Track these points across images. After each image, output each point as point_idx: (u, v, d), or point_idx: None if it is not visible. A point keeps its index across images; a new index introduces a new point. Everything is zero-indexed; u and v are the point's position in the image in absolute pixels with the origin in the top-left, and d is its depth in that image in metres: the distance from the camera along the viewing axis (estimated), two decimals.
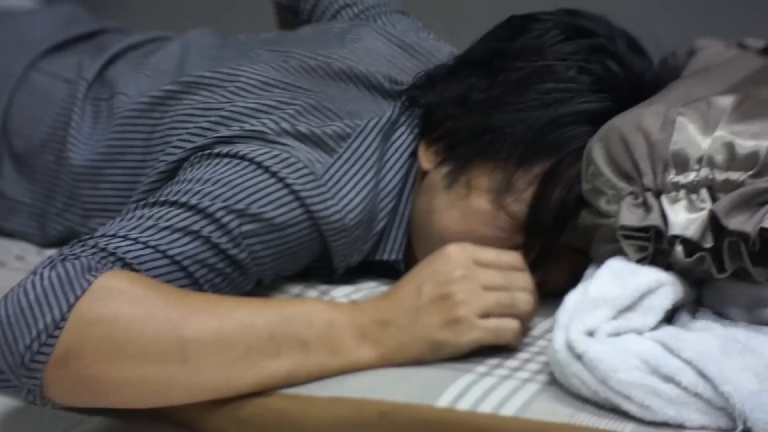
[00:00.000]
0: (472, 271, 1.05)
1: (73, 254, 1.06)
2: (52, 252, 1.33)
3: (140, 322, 1.01)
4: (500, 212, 1.15)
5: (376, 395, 1.01)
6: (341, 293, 1.20)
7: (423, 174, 1.22)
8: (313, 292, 1.20)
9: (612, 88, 1.15)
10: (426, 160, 1.22)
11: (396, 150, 1.23)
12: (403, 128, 1.24)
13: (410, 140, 1.24)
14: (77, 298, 1.01)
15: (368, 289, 1.21)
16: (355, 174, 1.19)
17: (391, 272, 1.26)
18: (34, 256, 1.35)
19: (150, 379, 1.01)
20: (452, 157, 1.19)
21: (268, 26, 1.51)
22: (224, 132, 1.20)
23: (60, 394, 1.02)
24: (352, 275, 1.24)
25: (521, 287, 1.06)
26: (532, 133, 1.15)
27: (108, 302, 1.01)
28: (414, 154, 1.23)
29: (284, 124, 1.19)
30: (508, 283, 1.05)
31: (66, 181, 1.33)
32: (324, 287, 1.21)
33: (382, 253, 1.23)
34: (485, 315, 1.03)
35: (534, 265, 1.13)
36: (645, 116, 1.05)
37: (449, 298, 1.03)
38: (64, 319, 1.00)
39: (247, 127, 1.20)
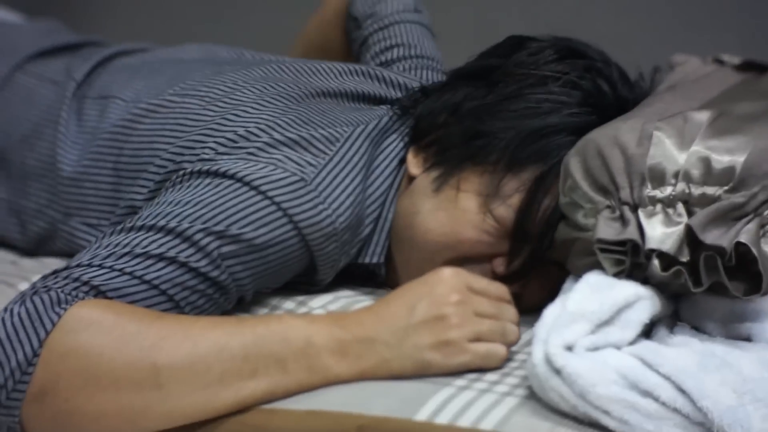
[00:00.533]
0: (467, 297, 1.04)
1: (45, 287, 1.03)
2: (29, 262, 1.33)
3: (112, 352, 0.99)
4: (487, 216, 1.15)
5: (355, 409, 0.99)
6: (319, 303, 1.18)
7: (410, 179, 1.22)
8: (290, 303, 1.18)
9: (601, 105, 1.16)
10: (414, 165, 1.22)
11: (386, 157, 1.22)
12: (393, 136, 1.24)
13: (400, 148, 1.23)
14: (48, 333, 0.99)
15: (346, 299, 1.20)
16: (344, 178, 1.17)
17: (368, 278, 1.25)
18: (7, 265, 1.32)
19: (126, 409, 0.99)
20: (442, 161, 1.18)
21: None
22: (212, 144, 1.19)
23: (40, 429, 1.00)
24: (329, 283, 1.22)
25: (510, 318, 1.06)
26: (521, 139, 1.15)
27: (79, 334, 0.99)
28: (402, 162, 1.23)
29: (276, 135, 1.18)
30: (499, 312, 1.05)
31: (50, 178, 1.31)
32: (301, 297, 1.20)
33: (365, 256, 1.22)
34: (475, 340, 1.03)
35: (517, 275, 1.13)
36: (622, 130, 1.05)
37: (444, 320, 1.02)
38: (36, 354, 0.98)
39: (234, 140, 1.18)
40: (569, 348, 0.95)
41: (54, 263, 1.31)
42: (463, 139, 1.18)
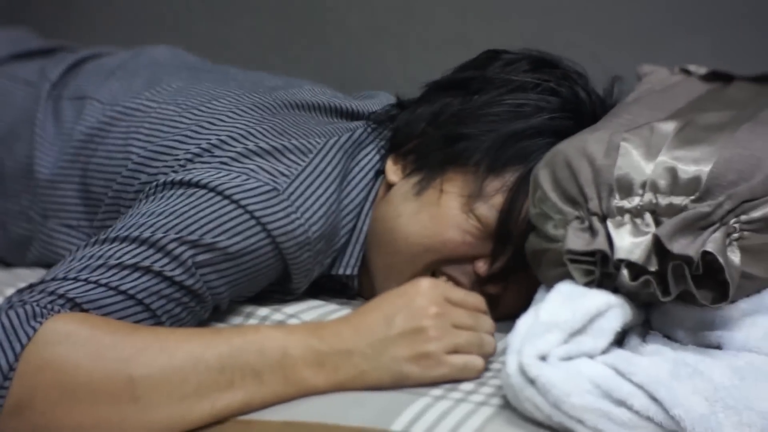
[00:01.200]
0: (445, 309, 1.03)
1: (21, 301, 1.02)
2: (1, 274, 1.31)
3: (88, 365, 0.98)
4: (470, 216, 1.14)
5: (331, 419, 0.98)
6: (293, 310, 1.17)
7: (387, 188, 1.21)
8: (264, 310, 1.17)
9: (578, 112, 1.18)
10: (393, 172, 1.21)
11: (361, 168, 1.22)
12: (369, 148, 1.23)
13: (375, 160, 1.23)
14: (23, 347, 0.97)
15: (318, 308, 1.19)
16: (318, 188, 1.17)
17: (340, 291, 1.25)
18: None
19: (103, 421, 0.98)
20: (423, 166, 1.18)
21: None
22: (185, 153, 1.18)
23: None
24: (302, 294, 1.21)
25: (487, 329, 1.05)
26: (502, 141, 1.15)
27: (54, 347, 0.98)
28: (378, 174, 1.23)
29: (249, 144, 1.17)
30: (477, 324, 1.05)
31: (28, 179, 1.29)
32: (276, 305, 1.19)
33: (339, 267, 1.21)
34: (453, 352, 1.02)
35: (497, 277, 1.13)
36: (589, 142, 1.05)
37: (422, 333, 1.02)
38: (12, 368, 0.97)
39: (208, 149, 1.17)
40: (543, 358, 0.94)
41: (27, 274, 1.30)
42: (445, 143, 1.18)
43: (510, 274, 1.15)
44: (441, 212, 1.16)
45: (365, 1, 1.75)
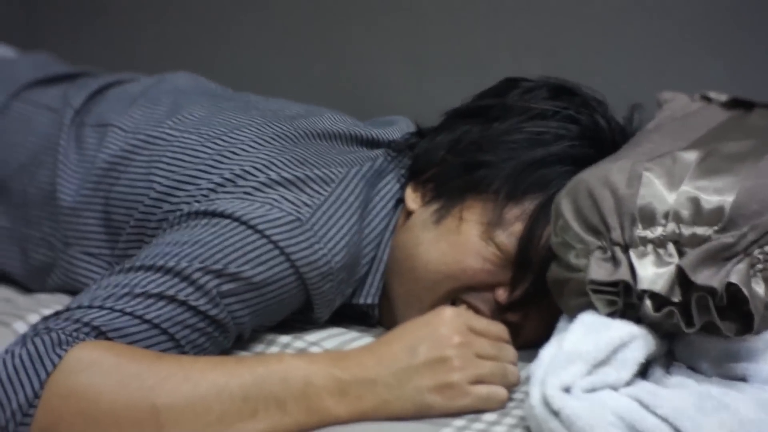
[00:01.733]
0: (469, 338, 1.02)
1: (46, 328, 1.01)
2: (24, 299, 1.30)
3: (112, 393, 0.97)
4: (489, 243, 1.13)
5: None
6: (313, 338, 1.16)
7: (407, 215, 1.20)
8: (285, 337, 1.16)
9: (598, 140, 1.16)
10: (413, 200, 1.20)
11: (382, 198, 1.21)
12: (389, 177, 1.22)
13: (396, 189, 1.22)
14: (49, 374, 0.97)
15: (339, 335, 1.18)
16: (340, 218, 1.16)
17: (359, 319, 1.24)
18: (1, 303, 1.29)
19: None
20: (443, 193, 1.17)
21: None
22: (208, 183, 1.17)
23: None
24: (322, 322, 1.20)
25: (510, 359, 1.04)
26: (522, 168, 1.14)
27: (79, 375, 0.97)
28: (398, 203, 1.21)
29: (272, 174, 1.16)
30: (500, 353, 1.04)
31: (51, 206, 1.28)
32: (297, 332, 1.17)
33: (359, 297, 1.20)
34: (477, 382, 1.01)
35: (518, 304, 1.12)
36: (612, 171, 1.04)
37: (446, 363, 1.00)
38: (37, 396, 0.96)
39: (231, 179, 1.17)
40: (567, 389, 0.93)
41: (48, 299, 1.29)
42: (465, 170, 1.17)
43: (530, 302, 1.13)
44: (460, 240, 1.15)
45: (382, 25, 1.75)
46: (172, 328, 1.06)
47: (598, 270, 1.00)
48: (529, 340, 1.11)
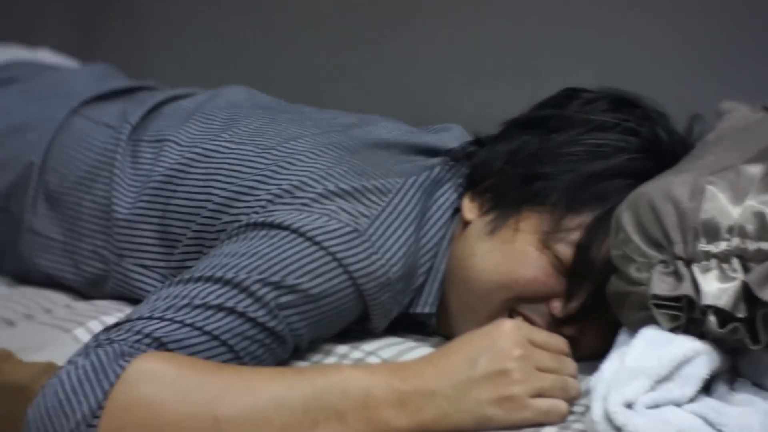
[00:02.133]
0: (529, 351, 1.01)
1: (108, 339, 1.01)
2: (83, 305, 1.31)
3: (174, 404, 0.97)
4: (544, 255, 1.12)
5: None
6: (371, 347, 1.15)
7: (464, 225, 1.19)
8: (342, 347, 1.16)
9: (658, 153, 1.14)
10: (470, 210, 1.19)
11: (439, 207, 1.20)
12: (446, 186, 1.21)
13: (453, 198, 1.21)
14: (112, 386, 0.97)
15: (396, 345, 1.17)
16: (397, 228, 1.15)
17: (416, 328, 1.23)
18: (61, 309, 1.30)
19: None
20: (499, 204, 1.16)
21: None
22: (265, 194, 1.17)
23: None
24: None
25: (571, 372, 1.03)
26: (581, 181, 1.12)
27: (141, 386, 0.97)
28: (455, 212, 1.20)
29: (329, 186, 1.15)
30: (561, 366, 1.02)
31: (105, 220, 1.28)
32: (354, 342, 1.17)
33: (416, 306, 1.19)
34: (538, 395, 1.00)
35: (574, 318, 1.10)
36: (674, 184, 1.02)
37: (506, 375, 0.99)
38: (100, 407, 0.96)
39: (288, 190, 1.16)
40: (629, 405, 0.92)
41: (107, 306, 1.29)
42: (522, 182, 1.15)
43: (586, 316, 1.12)
44: (514, 249, 1.13)
45: (435, 32, 1.74)
46: (232, 339, 1.05)
47: (661, 284, 0.98)
48: (586, 354, 1.09)
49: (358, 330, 1.18)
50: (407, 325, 1.22)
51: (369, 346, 1.16)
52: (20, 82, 1.47)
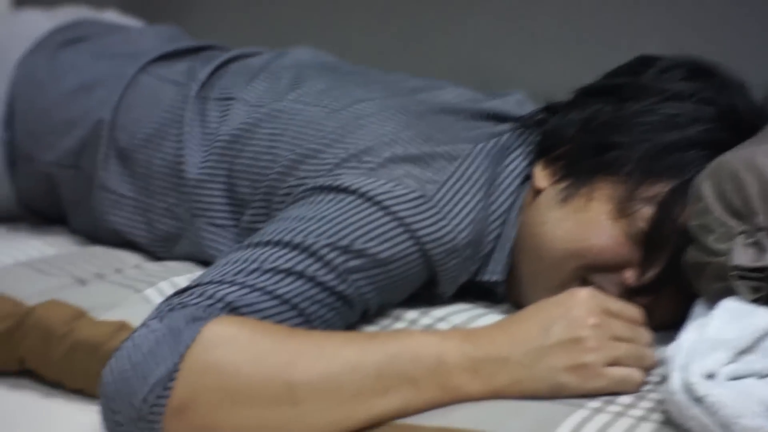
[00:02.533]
0: (604, 320, 1.00)
1: (181, 303, 1.01)
2: (153, 266, 1.31)
3: (248, 368, 0.96)
4: (618, 223, 1.10)
5: (487, 428, 0.95)
6: (441, 313, 1.15)
7: (535, 193, 1.17)
8: (412, 313, 1.15)
9: (736, 123, 1.12)
10: (542, 178, 1.17)
11: (508, 174, 1.18)
12: (515, 153, 1.20)
13: (523, 166, 1.19)
14: (187, 348, 0.96)
15: (466, 311, 1.16)
16: (465, 194, 1.13)
17: (483, 295, 1.22)
18: (131, 269, 1.30)
19: (264, 424, 0.96)
20: (572, 173, 1.14)
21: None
22: (332, 157, 1.16)
23: None
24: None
25: (646, 342, 1.01)
26: (656, 151, 1.10)
27: (216, 350, 0.97)
28: (525, 180, 1.19)
29: (398, 150, 1.14)
30: (635, 336, 1.01)
31: (175, 178, 1.28)
32: (424, 307, 1.16)
33: (484, 273, 1.18)
34: (612, 364, 0.99)
35: (648, 288, 1.08)
36: (757, 154, 1.00)
37: (580, 343, 0.98)
38: (176, 370, 0.96)
39: (356, 154, 1.15)
40: (710, 376, 0.90)
41: (177, 267, 1.29)
42: (596, 151, 1.13)
43: (660, 286, 1.10)
44: (587, 218, 1.12)
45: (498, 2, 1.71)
46: (302, 303, 1.05)
47: (742, 255, 0.96)
48: (658, 324, 1.08)
49: (426, 295, 1.17)
50: (476, 292, 1.21)
51: (439, 312, 1.16)
52: (88, 41, 1.47)
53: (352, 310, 1.09)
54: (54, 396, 1.15)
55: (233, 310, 1.02)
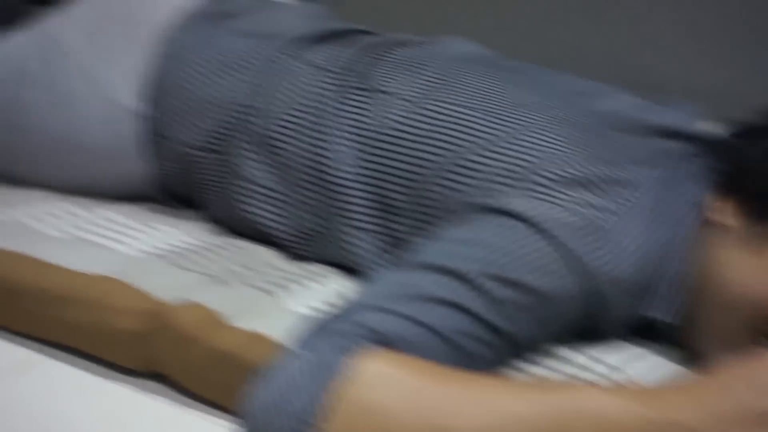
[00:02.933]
0: None
1: (330, 329, 0.94)
2: (289, 266, 1.23)
3: (409, 414, 0.89)
4: None
5: None
6: (615, 361, 1.05)
7: (707, 224, 1.07)
8: (580, 357, 1.06)
9: None
10: (730, 216, 1.06)
11: (676, 200, 1.08)
12: (687, 178, 1.09)
13: (694, 193, 1.08)
14: (337, 385, 0.89)
15: (640, 359, 1.07)
16: (636, 225, 1.04)
17: (651, 333, 1.12)
18: (263, 266, 1.22)
19: None
20: None
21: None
22: (495, 172, 1.07)
23: None
24: (615, 336, 1.08)
25: None
26: None
27: (375, 391, 0.90)
28: (697, 207, 1.08)
29: (569, 171, 1.05)
30: None
31: (316, 170, 1.20)
32: (592, 352, 1.07)
33: (647, 308, 1.07)
34: None
35: None
36: None
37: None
38: (324, 405, 0.89)
39: (521, 173, 1.06)
40: None
41: (309, 270, 1.22)
42: None
43: None
44: None
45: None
46: (456, 336, 0.97)
47: None
48: None
49: (589, 333, 1.07)
50: (641, 332, 1.11)
51: (613, 358, 1.06)
52: (231, 18, 1.39)
53: (510, 348, 1.00)
54: (186, 404, 1.10)
55: (384, 341, 0.94)
